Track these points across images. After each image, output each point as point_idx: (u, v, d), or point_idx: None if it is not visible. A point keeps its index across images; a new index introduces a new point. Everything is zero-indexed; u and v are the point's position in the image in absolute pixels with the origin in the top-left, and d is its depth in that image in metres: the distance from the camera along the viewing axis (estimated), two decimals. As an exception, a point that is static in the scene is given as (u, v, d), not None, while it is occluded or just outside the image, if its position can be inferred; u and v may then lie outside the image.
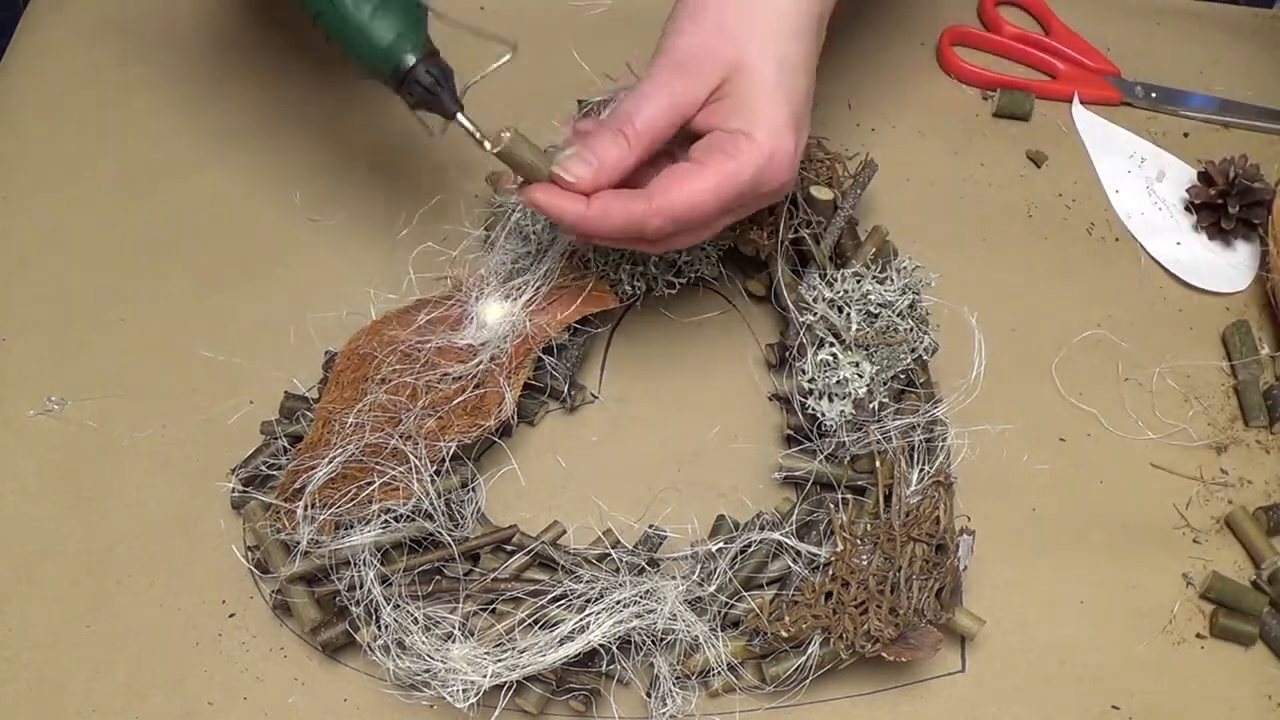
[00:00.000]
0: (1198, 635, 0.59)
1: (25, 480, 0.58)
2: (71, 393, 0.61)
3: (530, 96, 0.70)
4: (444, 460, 0.55)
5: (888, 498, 0.56)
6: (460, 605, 0.52)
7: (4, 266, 0.64)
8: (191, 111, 0.70)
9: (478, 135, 0.53)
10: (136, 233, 0.66)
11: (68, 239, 0.65)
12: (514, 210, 0.63)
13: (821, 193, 0.63)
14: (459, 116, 0.53)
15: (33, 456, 0.59)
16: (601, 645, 0.51)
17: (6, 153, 0.68)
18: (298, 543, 0.53)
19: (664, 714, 0.52)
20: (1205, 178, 0.72)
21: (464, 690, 0.50)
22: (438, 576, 0.54)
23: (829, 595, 0.54)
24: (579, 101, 0.68)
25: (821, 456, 0.58)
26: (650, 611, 0.51)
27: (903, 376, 0.60)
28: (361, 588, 0.52)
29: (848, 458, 0.58)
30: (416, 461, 0.53)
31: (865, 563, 0.54)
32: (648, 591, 0.52)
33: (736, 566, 0.54)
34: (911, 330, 0.60)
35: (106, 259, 0.65)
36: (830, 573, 0.54)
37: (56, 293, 0.64)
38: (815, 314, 0.60)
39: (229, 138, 0.70)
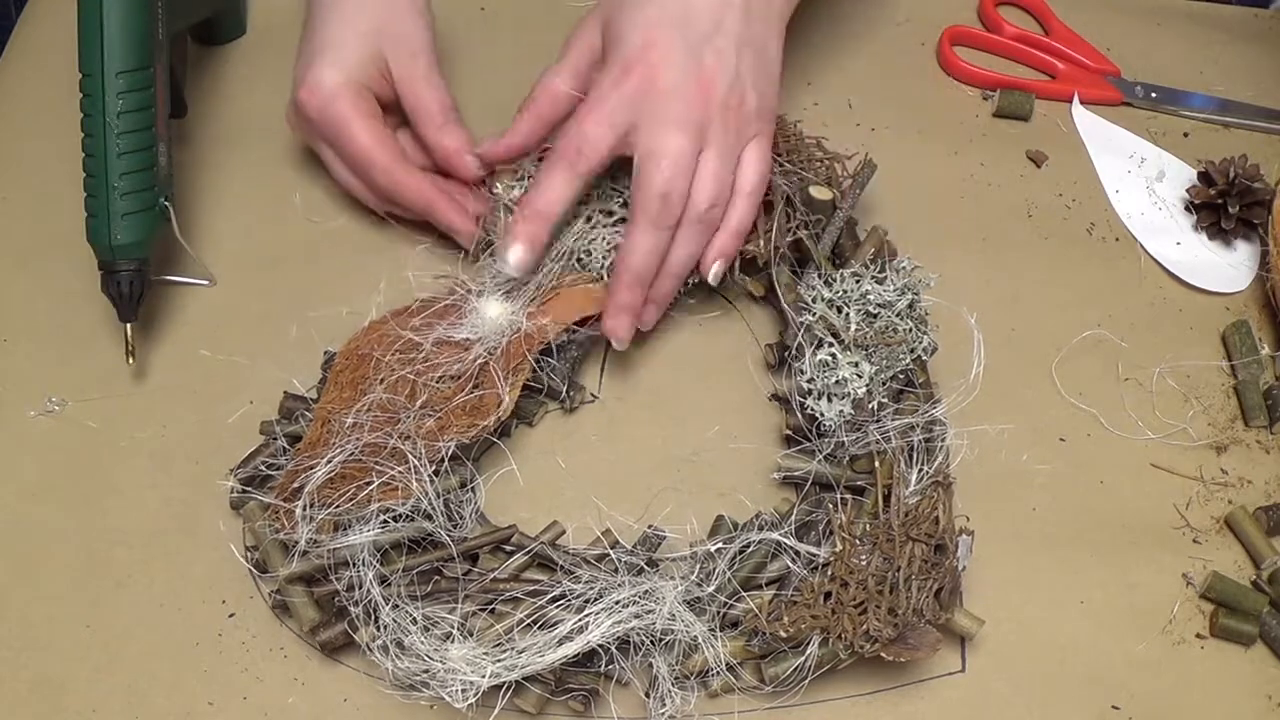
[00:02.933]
0: (1198, 635, 0.59)
1: (25, 480, 0.58)
2: (71, 393, 0.61)
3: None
4: (443, 460, 0.55)
5: (887, 498, 0.56)
6: (459, 605, 0.52)
7: (4, 266, 0.65)
8: (191, 112, 0.70)
9: (129, 349, 0.60)
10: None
11: (68, 239, 0.65)
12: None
13: (821, 193, 0.63)
14: (126, 326, 0.60)
15: (33, 456, 0.59)
16: (600, 645, 0.51)
17: (6, 153, 0.68)
18: (296, 542, 0.53)
19: (663, 714, 0.52)
20: (1205, 178, 0.72)
21: (463, 690, 0.50)
22: (436, 576, 0.54)
23: (828, 595, 0.54)
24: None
25: (820, 457, 0.58)
26: (649, 612, 0.51)
27: (902, 377, 0.60)
28: (360, 588, 0.52)
29: (847, 458, 0.58)
30: (415, 461, 0.53)
31: (864, 563, 0.54)
32: (646, 592, 0.52)
33: (735, 567, 0.54)
34: (911, 330, 0.60)
35: (106, 259, 0.65)
36: (829, 573, 0.54)
37: (56, 293, 0.64)
38: (814, 314, 0.60)
39: (229, 138, 0.70)
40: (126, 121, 0.57)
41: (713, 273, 0.61)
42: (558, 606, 0.52)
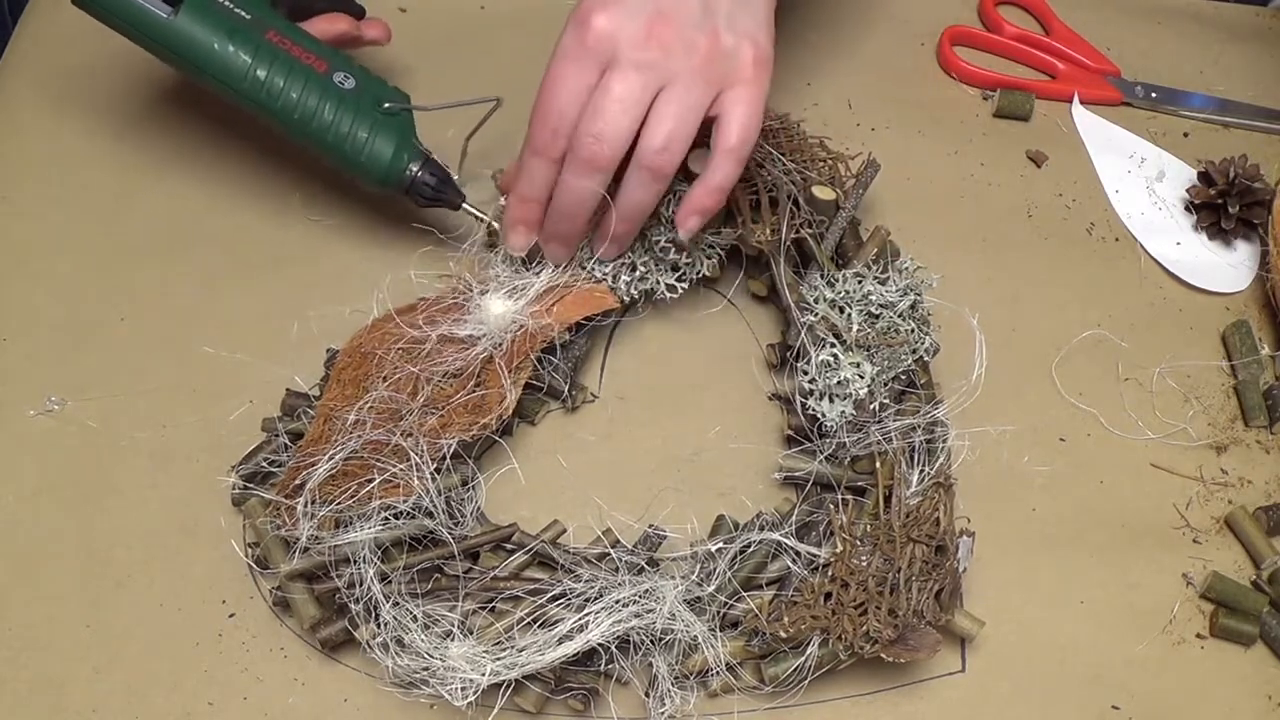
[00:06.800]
0: (1198, 635, 0.59)
1: (25, 480, 0.58)
2: (71, 393, 0.61)
3: (532, 96, 0.70)
4: (444, 458, 0.55)
5: (888, 499, 0.56)
6: (459, 603, 0.52)
7: (4, 266, 0.64)
8: (192, 110, 0.70)
9: (485, 220, 0.62)
10: (136, 232, 0.66)
11: (68, 239, 0.65)
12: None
13: (823, 192, 0.63)
14: (464, 206, 0.62)
15: (33, 456, 0.59)
16: (600, 644, 0.51)
17: (6, 153, 0.68)
18: (298, 539, 0.53)
19: (662, 714, 0.52)
20: (1205, 178, 0.72)
21: (463, 689, 0.50)
22: (437, 574, 0.54)
23: (828, 596, 0.54)
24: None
25: (822, 457, 0.58)
26: (649, 611, 0.51)
27: (904, 377, 0.60)
28: (361, 585, 0.52)
29: (848, 458, 0.58)
30: (417, 459, 0.53)
31: (865, 564, 0.54)
32: (647, 591, 0.52)
33: (736, 567, 0.54)
34: (913, 331, 0.60)
35: (106, 259, 0.65)
36: (830, 573, 0.54)
37: (56, 293, 0.64)
38: (816, 314, 0.60)
39: (229, 136, 0.70)
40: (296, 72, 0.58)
41: (686, 229, 0.58)
42: (558, 605, 0.52)
